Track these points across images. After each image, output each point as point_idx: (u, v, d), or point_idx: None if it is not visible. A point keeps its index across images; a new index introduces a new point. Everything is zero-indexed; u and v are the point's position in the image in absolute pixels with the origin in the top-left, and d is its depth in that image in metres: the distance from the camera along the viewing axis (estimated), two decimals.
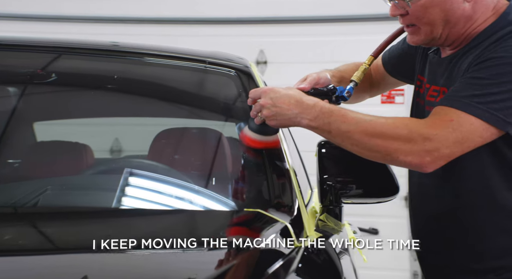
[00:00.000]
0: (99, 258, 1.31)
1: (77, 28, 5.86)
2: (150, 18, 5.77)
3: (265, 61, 5.62)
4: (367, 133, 1.63)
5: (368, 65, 1.90)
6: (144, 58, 2.17)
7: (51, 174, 1.92)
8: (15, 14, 6.08)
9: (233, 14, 5.64)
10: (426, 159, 1.63)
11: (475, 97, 1.64)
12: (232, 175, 1.75)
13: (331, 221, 1.85)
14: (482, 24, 1.77)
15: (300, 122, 1.66)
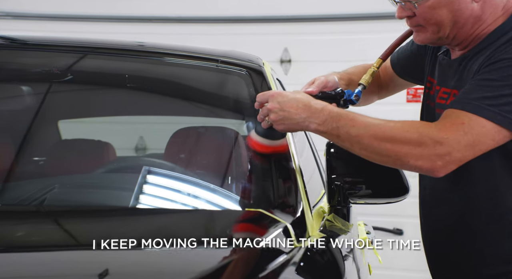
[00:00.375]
0: (115, 255, 1.32)
1: (92, 27, 5.92)
2: (173, 17, 5.80)
3: (289, 59, 5.60)
4: (376, 137, 1.61)
5: (377, 68, 1.88)
6: (157, 57, 2.18)
7: (68, 172, 1.94)
8: (31, 14, 6.17)
9: (258, 13, 5.64)
10: (437, 163, 1.60)
11: (487, 99, 1.62)
12: (236, 175, 1.75)
13: (339, 221, 1.83)
14: (492, 24, 1.74)
15: (308, 127, 1.65)
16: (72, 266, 1.28)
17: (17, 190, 1.79)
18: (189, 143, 1.99)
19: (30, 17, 6.20)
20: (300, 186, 1.70)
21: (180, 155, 1.92)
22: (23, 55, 2.18)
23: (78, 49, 2.19)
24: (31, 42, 2.30)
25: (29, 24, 6.19)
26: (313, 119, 1.64)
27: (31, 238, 1.43)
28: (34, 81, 2.11)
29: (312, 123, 1.64)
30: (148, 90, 2.16)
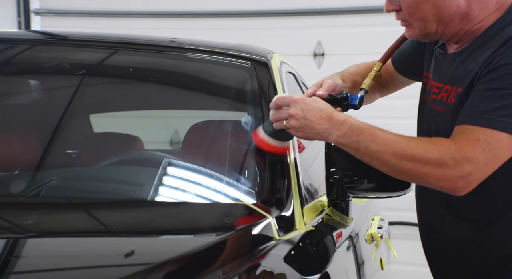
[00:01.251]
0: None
1: (129, 23, 6.00)
2: (206, 12, 5.82)
3: (322, 53, 5.56)
4: (396, 155, 1.60)
5: (377, 71, 1.87)
6: (165, 51, 2.20)
7: (94, 164, 1.97)
8: (72, 11, 6.29)
9: (291, 6, 5.61)
10: (458, 184, 1.59)
11: (496, 110, 1.58)
12: (227, 168, 1.74)
13: (337, 215, 1.82)
14: (484, 21, 1.70)
15: (328, 137, 1.64)
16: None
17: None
18: (191, 137, 2.00)
19: (71, 14, 6.33)
20: (293, 180, 1.69)
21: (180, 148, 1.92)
22: (59, 50, 2.23)
23: (102, 44, 2.23)
24: (68, 38, 2.35)
25: (70, 21, 6.33)
26: (334, 130, 1.63)
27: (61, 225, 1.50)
28: (68, 76, 2.15)
29: (332, 134, 1.63)
30: (153, 83, 2.17)
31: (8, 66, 2.14)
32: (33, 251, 1.32)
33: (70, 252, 1.31)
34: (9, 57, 2.17)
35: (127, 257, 1.30)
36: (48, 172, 1.88)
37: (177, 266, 1.22)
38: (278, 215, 1.55)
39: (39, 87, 2.20)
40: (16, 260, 1.26)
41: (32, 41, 2.26)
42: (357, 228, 2.20)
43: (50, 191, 1.75)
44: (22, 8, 6.55)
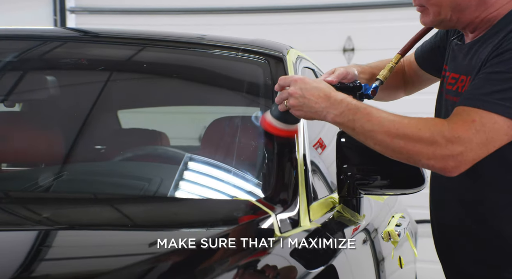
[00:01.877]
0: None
1: (160, 20, 6.03)
2: (238, 8, 5.82)
3: (352, 48, 5.50)
4: (389, 133, 1.58)
5: (395, 63, 1.84)
6: (181, 47, 2.20)
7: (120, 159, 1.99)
8: (105, 8, 6.36)
9: (320, 1, 5.57)
10: (449, 163, 1.56)
11: (496, 94, 1.55)
12: (234, 164, 1.73)
13: (348, 212, 1.79)
14: (501, 9, 1.67)
15: (326, 117, 1.64)
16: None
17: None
18: (207, 134, 2.00)
19: (105, 11, 6.41)
20: (300, 176, 1.67)
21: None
22: (89, 47, 2.25)
23: (125, 41, 2.24)
24: (98, 35, 2.38)
25: (103, 18, 6.40)
26: (331, 109, 1.63)
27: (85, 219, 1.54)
28: (97, 72, 2.18)
29: (330, 113, 1.63)
30: (169, 79, 2.18)
31: (39, 62, 2.17)
32: (62, 242, 1.38)
33: (87, 243, 1.38)
34: (42, 54, 2.20)
35: (129, 249, 1.34)
36: (67, 166, 1.91)
37: (171, 260, 1.23)
38: (281, 212, 1.54)
39: (68, 83, 2.23)
40: (47, 250, 1.33)
41: (64, 38, 2.29)
42: (375, 225, 2.16)
43: (63, 186, 1.77)
44: (58, 6, 6.66)
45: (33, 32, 2.27)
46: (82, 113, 2.03)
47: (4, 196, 1.69)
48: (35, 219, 1.53)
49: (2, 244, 1.33)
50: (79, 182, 1.83)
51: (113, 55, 2.22)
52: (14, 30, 2.30)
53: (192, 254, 1.28)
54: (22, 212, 1.60)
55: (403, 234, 2.29)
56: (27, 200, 1.68)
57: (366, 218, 1.96)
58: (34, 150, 2.00)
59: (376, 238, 2.09)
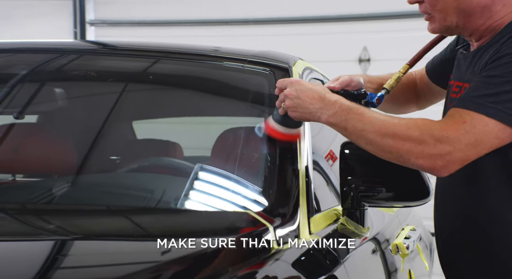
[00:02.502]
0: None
1: (178, 31, 6.07)
2: (254, 19, 5.84)
3: (368, 58, 5.48)
4: (380, 133, 1.59)
5: (403, 73, 1.85)
6: (189, 59, 2.21)
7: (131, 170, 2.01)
8: (123, 21, 6.42)
9: (336, 11, 5.57)
10: (437, 162, 1.55)
11: (489, 97, 1.55)
12: (235, 176, 1.73)
13: (351, 224, 1.78)
14: (506, 17, 1.67)
15: (320, 117, 1.65)
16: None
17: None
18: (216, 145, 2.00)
19: (123, 24, 6.48)
20: (302, 189, 1.66)
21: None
22: (105, 59, 2.28)
23: (136, 54, 2.27)
24: (113, 47, 2.40)
25: (122, 30, 6.47)
26: (325, 110, 1.64)
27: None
28: (110, 83, 2.20)
29: (323, 114, 1.64)
30: (176, 91, 2.19)
31: (55, 74, 2.20)
32: (75, 251, 1.42)
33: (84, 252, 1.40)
34: (58, 66, 2.23)
35: (129, 258, 1.36)
36: (79, 177, 1.94)
37: (167, 271, 1.23)
38: (279, 224, 1.53)
39: (83, 94, 2.25)
40: (61, 259, 1.36)
41: (80, 50, 2.32)
42: (382, 237, 2.14)
43: (66, 197, 1.79)
44: (78, 19, 6.76)
45: (51, 45, 2.31)
46: (98, 124, 2.05)
47: (14, 207, 1.71)
48: (47, 229, 1.56)
49: (18, 253, 1.35)
50: (81, 194, 1.84)
51: (123, 67, 2.24)
52: (33, 43, 2.34)
53: (190, 265, 1.29)
54: (35, 222, 1.62)
55: (413, 246, 2.26)
56: (38, 211, 1.70)
57: (372, 230, 1.94)
58: (49, 161, 2.02)
59: (384, 250, 2.06)
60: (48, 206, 1.75)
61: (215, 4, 6.02)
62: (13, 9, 6.49)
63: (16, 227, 1.58)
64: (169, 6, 6.14)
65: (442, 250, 1.84)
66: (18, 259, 1.32)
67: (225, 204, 1.68)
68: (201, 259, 1.31)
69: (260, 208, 1.60)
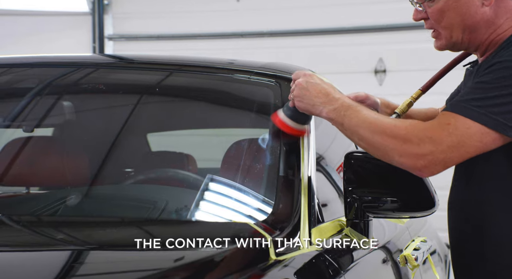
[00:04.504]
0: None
1: (193, 45, 6.11)
2: (268, 31, 5.87)
3: (384, 69, 5.47)
4: (370, 129, 1.63)
5: (415, 98, 1.87)
6: (197, 71, 2.23)
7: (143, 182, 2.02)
8: (140, 35, 6.48)
9: (352, 23, 5.57)
10: (419, 162, 1.58)
11: (474, 101, 1.57)
12: (237, 187, 1.74)
13: (355, 235, 1.76)
14: (509, 30, 1.68)
15: (322, 111, 1.70)
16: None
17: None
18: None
19: (141, 38, 6.55)
20: (304, 199, 1.66)
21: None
22: (121, 72, 2.31)
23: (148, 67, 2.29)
24: (134, 61, 2.44)
25: (140, 44, 6.54)
26: (327, 105, 1.69)
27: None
28: (126, 96, 2.22)
29: (325, 108, 1.69)
30: (186, 103, 2.21)
31: (72, 87, 2.23)
32: (88, 261, 1.45)
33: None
34: (76, 80, 2.26)
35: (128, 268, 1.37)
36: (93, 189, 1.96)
37: None
38: (279, 235, 1.53)
39: (99, 107, 2.28)
40: (76, 268, 1.39)
41: (96, 64, 2.35)
42: (391, 248, 2.12)
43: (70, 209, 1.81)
44: (97, 34, 6.84)
45: (67, 59, 2.35)
46: (112, 136, 2.08)
47: (28, 219, 1.73)
48: (60, 240, 1.59)
49: (33, 263, 1.38)
50: (95, 205, 1.86)
51: (137, 80, 2.26)
52: (50, 57, 2.38)
53: (189, 274, 1.29)
54: (48, 233, 1.65)
55: (422, 258, 2.24)
56: (52, 222, 1.73)
57: (378, 241, 1.93)
58: (64, 174, 2.04)
59: (392, 261, 2.05)
60: (62, 218, 1.77)
61: (230, 18, 6.06)
62: (33, 25, 6.60)
63: (30, 238, 1.61)
64: (185, 20, 6.20)
65: (455, 262, 1.83)
66: (33, 268, 1.35)
67: (227, 214, 1.69)
68: (200, 269, 1.32)
69: (260, 218, 1.61)
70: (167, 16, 6.34)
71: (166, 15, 6.34)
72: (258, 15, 5.90)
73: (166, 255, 1.39)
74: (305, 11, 5.72)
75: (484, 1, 1.66)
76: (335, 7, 5.64)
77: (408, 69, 5.22)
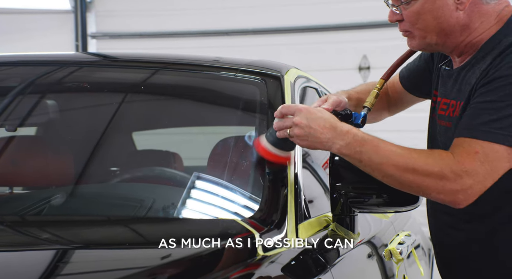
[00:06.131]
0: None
1: (178, 43, 6.10)
2: (254, 29, 5.88)
3: (368, 66, 5.50)
4: (398, 167, 1.60)
5: (379, 89, 1.87)
6: (185, 69, 2.23)
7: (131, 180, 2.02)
8: (124, 33, 6.46)
9: (336, 21, 5.59)
10: (459, 197, 1.59)
11: (493, 123, 1.58)
12: (224, 183, 1.75)
13: (341, 230, 1.79)
14: (485, 33, 1.69)
15: (331, 147, 1.64)
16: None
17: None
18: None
19: (124, 36, 6.53)
20: (290, 195, 1.67)
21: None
22: (105, 71, 2.31)
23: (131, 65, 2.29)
24: (112, 59, 2.43)
25: (123, 42, 6.52)
26: (337, 140, 1.63)
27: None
28: (109, 95, 2.22)
29: (336, 143, 1.63)
30: (172, 101, 2.21)
31: (56, 86, 2.22)
32: (73, 260, 1.44)
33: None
34: (59, 78, 2.25)
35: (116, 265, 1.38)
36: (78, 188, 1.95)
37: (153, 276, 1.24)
38: (266, 231, 1.54)
39: (84, 105, 2.27)
40: (60, 268, 1.38)
41: (79, 63, 2.34)
42: (376, 243, 2.15)
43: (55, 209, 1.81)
44: (80, 32, 6.81)
45: (51, 57, 2.33)
46: (97, 135, 2.07)
47: (12, 219, 1.73)
48: (44, 239, 1.58)
49: (16, 263, 1.38)
50: (79, 204, 1.86)
51: (122, 78, 2.26)
52: (33, 56, 2.36)
53: (176, 272, 1.30)
54: (32, 232, 1.65)
55: (406, 252, 2.26)
56: (36, 222, 1.73)
57: (363, 236, 1.95)
58: (49, 173, 2.03)
59: (377, 256, 2.07)
60: (46, 217, 1.76)
61: (214, 15, 6.06)
62: (14, 23, 6.56)
63: (14, 238, 1.60)
64: (169, 18, 6.19)
65: (438, 257, 1.86)
66: (16, 268, 1.34)
67: (214, 211, 1.70)
68: (188, 265, 1.33)
69: (247, 215, 1.62)
70: (151, 14, 6.32)
71: (150, 12, 6.32)
72: (243, 13, 5.90)
73: (154, 253, 1.39)
74: (289, 8, 5.74)
75: (458, 5, 1.66)
76: (319, 5, 5.67)
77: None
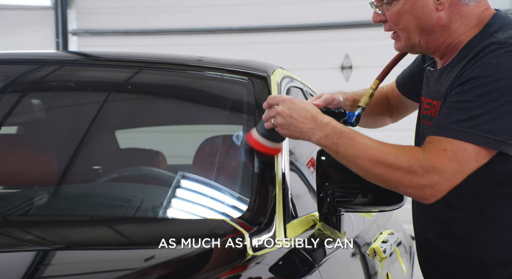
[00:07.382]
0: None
1: (161, 40, 6.08)
2: (238, 27, 5.88)
3: (350, 65, 5.53)
4: (371, 160, 1.64)
5: (374, 89, 1.90)
6: (171, 69, 2.24)
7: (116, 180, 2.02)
8: (107, 30, 6.42)
9: (318, 20, 5.61)
10: (426, 192, 1.62)
11: (463, 122, 1.61)
12: (212, 183, 1.76)
13: (328, 230, 1.81)
14: (464, 35, 1.73)
15: (311, 137, 1.68)
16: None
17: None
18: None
19: (106, 33, 6.48)
20: (278, 195, 1.69)
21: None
22: (88, 69, 2.30)
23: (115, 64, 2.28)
24: (95, 57, 2.42)
25: (105, 40, 6.47)
26: (317, 131, 1.67)
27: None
28: (92, 94, 2.21)
29: (315, 134, 1.67)
30: (158, 100, 2.22)
31: (37, 85, 2.21)
32: (56, 261, 1.44)
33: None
34: (41, 77, 2.25)
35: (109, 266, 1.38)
36: (61, 188, 1.95)
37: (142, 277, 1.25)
38: (255, 231, 1.56)
39: (66, 104, 2.26)
40: (43, 269, 1.38)
41: (61, 61, 2.33)
42: (360, 241, 2.17)
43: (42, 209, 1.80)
44: (60, 29, 6.74)
45: (32, 56, 2.32)
46: (81, 134, 2.07)
47: None
48: (27, 240, 1.58)
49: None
50: (62, 204, 1.86)
51: (105, 77, 2.26)
52: (14, 54, 2.35)
53: (165, 272, 1.31)
54: (15, 233, 1.63)
55: (390, 250, 2.29)
56: (18, 222, 1.72)
57: (349, 235, 1.97)
58: (31, 172, 2.03)
59: (362, 254, 2.10)
60: (28, 217, 1.75)
61: (199, 13, 6.05)
62: None
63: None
64: (152, 16, 6.16)
65: (419, 253, 1.89)
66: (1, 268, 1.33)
67: (202, 211, 1.71)
68: (177, 266, 1.33)
69: (236, 215, 1.63)
70: (133, 11, 6.29)
71: (133, 10, 6.29)
72: (228, 11, 5.90)
73: (142, 253, 1.40)
74: (273, 7, 5.75)
75: (438, 6, 1.69)
76: (302, 4, 5.68)
77: (374, 65, 5.24)
